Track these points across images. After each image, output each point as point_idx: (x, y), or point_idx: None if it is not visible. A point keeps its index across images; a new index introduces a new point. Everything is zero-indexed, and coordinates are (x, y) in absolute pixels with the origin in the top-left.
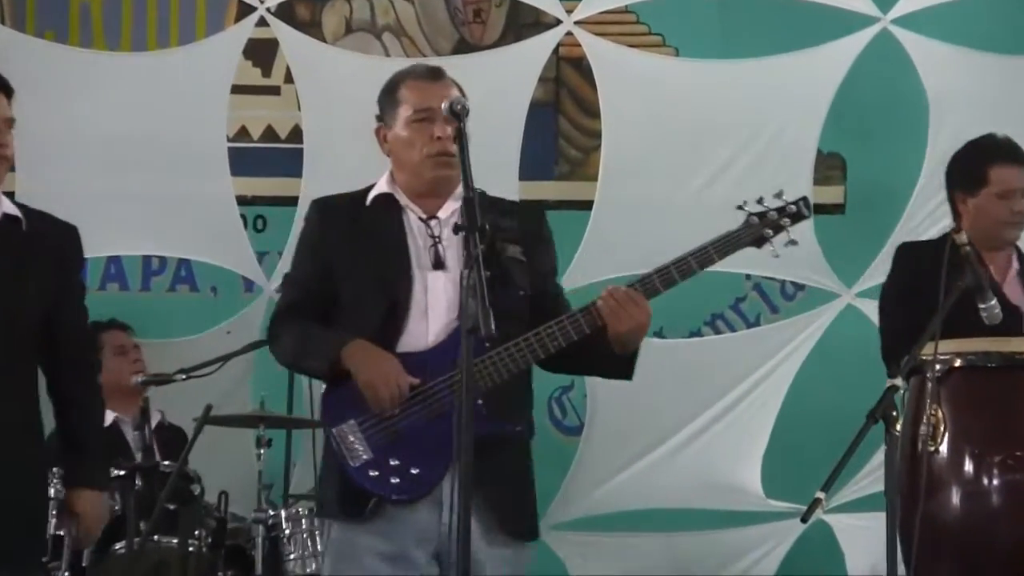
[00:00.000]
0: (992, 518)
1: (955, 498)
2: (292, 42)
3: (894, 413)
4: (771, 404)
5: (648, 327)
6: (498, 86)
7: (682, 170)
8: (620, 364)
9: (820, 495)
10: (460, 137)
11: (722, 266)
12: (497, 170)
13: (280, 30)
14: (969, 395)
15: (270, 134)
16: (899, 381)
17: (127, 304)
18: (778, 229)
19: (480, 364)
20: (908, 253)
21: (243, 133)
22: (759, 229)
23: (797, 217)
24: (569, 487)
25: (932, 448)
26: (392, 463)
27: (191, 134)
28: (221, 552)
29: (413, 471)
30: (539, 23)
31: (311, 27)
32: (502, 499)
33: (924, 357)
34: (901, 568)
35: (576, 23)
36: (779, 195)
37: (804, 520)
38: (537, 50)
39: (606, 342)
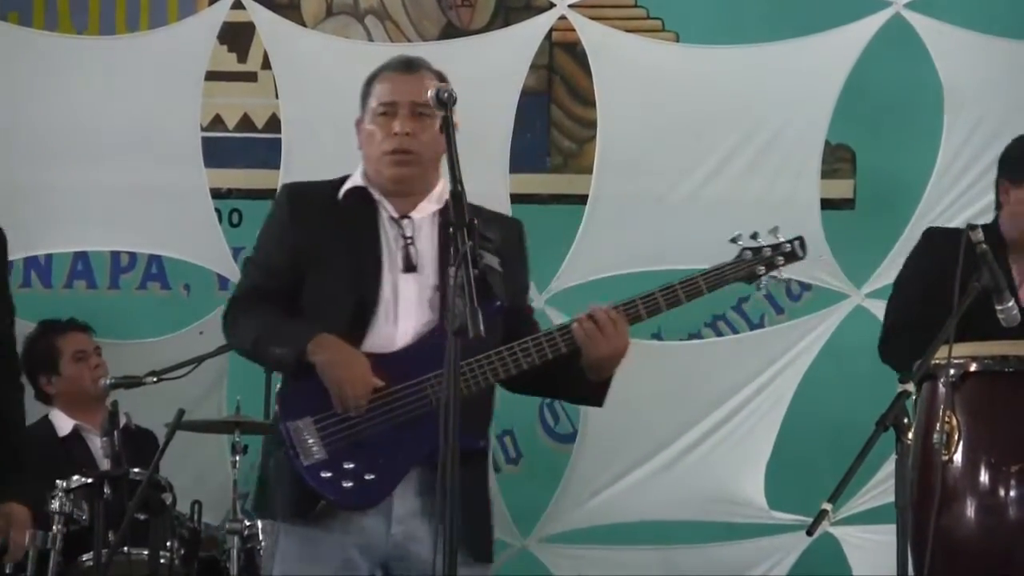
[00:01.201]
0: (1009, 531)
1: (970, 510)
2: (269, 26)
3: (906, 420)
4: (775, 410)
5: (624, 353)
6: (487, 73)
7: (682, 162)
8: (592, 390)
9: (827, 507)
10: (447, 127)
11: None
12: (486, 162)
13: (257, 13)
14: (985, 401)
15: (246, 123)
16: (911, 387)
17: (95, 303)
18: (771, 267)
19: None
20: (933, 240)
21: (217, 122)
22: (752, 266)
23: (791, 257)
24: (561, 497)
25: (946, 457)
26: (347, 467)
27: (163, 123)
28: (194, 564)
29: (368, 477)
30: (531, 6)
31: (289, 10)
32: (461, 516)
33: (937, 361)
34: None
35: (570, 6)
36: (774, 231)
37: (810, 533)
38: (529, 35)
39: (579, 365)
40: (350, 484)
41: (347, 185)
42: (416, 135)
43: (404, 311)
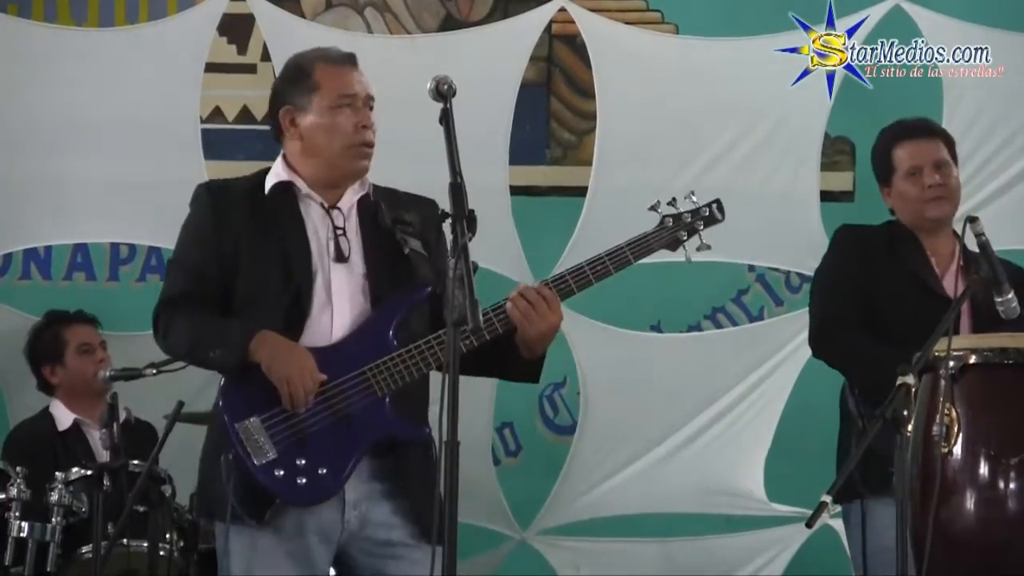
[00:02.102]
0: (1008, 524)
1: (969, 502)
2: (269, 17)
3: (905, 412)
4: (775, 403)
5: (558, 329)
6: (487, 65)
7: (681, 154)
8: (528, 367)
9: (826, 499)
10: (446, 118)
11: (724, 256)
12: (485, 154)
13: (256, 5)
14: (985, 394)
15: (246, 115)
16: (911, 379)
17: (94, 295)
18: (692, 232)
19: (389, 363)
20: (851, 237)
21: (217, 114)
22: (673, 231)
23: (710, 220)
24: (561, 490)
25: (945, 450)
26: (299, 463)
27: (162, 115)
28: (193, 557)
29: (320, 471)
30: None
31: (289, 2)
32: (411, 501)
33: (937, 353)
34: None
35: None
36: (690, 196)
37: (809, 525)
38: (528, 27)
39: (513, 344)
40: (304, 480)
41: (272, 179)
42: (373, 127)
43: (338, 301)
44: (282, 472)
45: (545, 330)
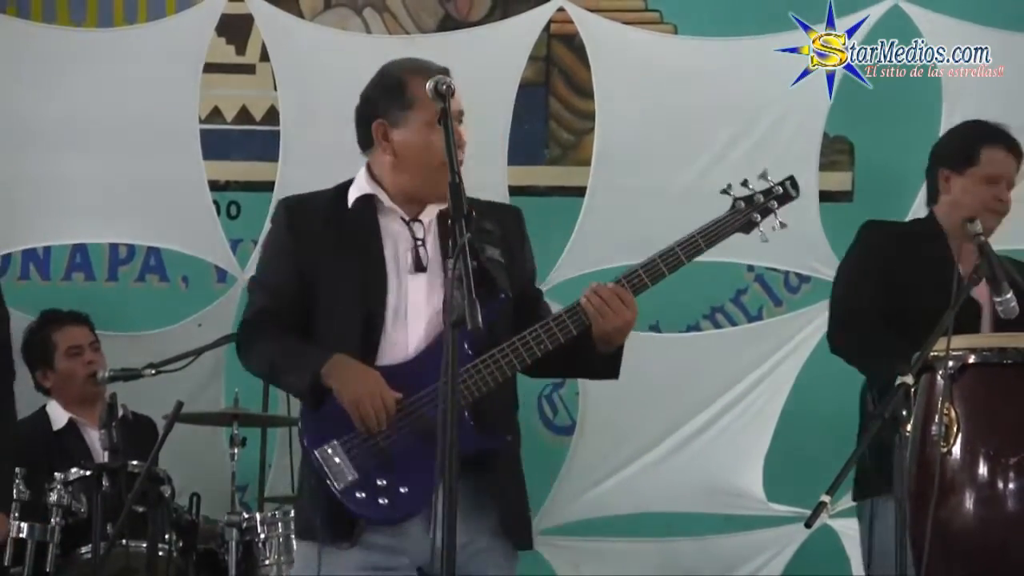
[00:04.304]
0: (1007, 524)
1: (968, 502)
2: (267, 18)
3: (904, 412)
4: (774, 403)
5: (634, 324)
6: (485, 65)
7: (680, 154)
8: (606, 363)
9: (825, 499)
10: (445, 118)
11: (722, 256)
12: (484, 154)
13: (255, 5)
14: (983, 393)
15: (244, 115)
16: (910, 378)
17: (93, 295)
18: (766, 212)
19: (465, 374)
20: (876, 234)
21: (216, 114)
22: (747, 214)
23: (784, 198)
24: (560, 490)
25: (944, 449)
26: (379, 483)
27: (161, 115)
28: (192, 557)
29: (402, 490)
30: None
31: (288, 2)
32: (503, 510)
33: (936, 353)
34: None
35: None
36: (764, 176)
37: (808, 525)
38: (527, 27)
39: (590, 341)
40: (385, 500)
41: (355, 193)
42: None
43: (413, 313)
44: (364, 494)
45: (620, 324)
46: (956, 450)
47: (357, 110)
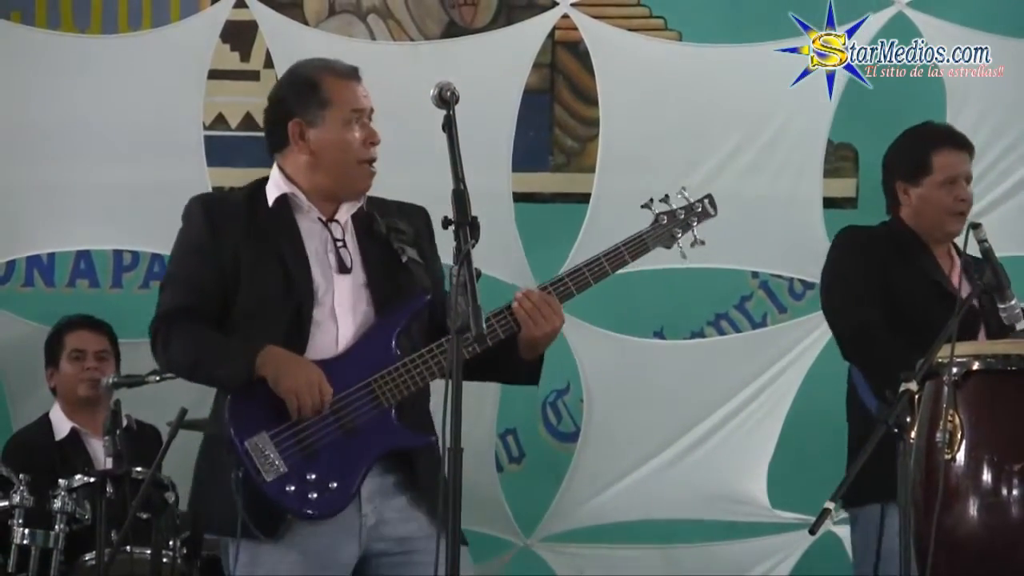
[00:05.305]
0: (1012, 531)
1: (972, 509)
2: (272, 24)
3: (908, 419)
4: (778, 409)
5: (559, 331)
6: (490, 72)
7: (684, 161)
8: (529, 369)
9: (830, 505)
10: (449, 125)
11: (726, 263)
12: (489, 161)
13: (259, 11)
14: (988, 400)
15: (249, 122)
16: (914, 385)
17: (97, 302)
18: (685, 228)
19: (394, 373)
20: (861, 237)
21: (220, 121)
22: (667, 229)
23: (703, 215)
24: (564, 497)
25: (948, 456)
26: (309, 477)
27: (165, 122)
28: (196, 563)
29: (332, 485)
30: (534, 5)
31: (292, 8)
32: (432, 508)
33: (940, 360)
34: None
35: (573, 5)
36: (682, 192)
37: (813, 532)
38: (531, 34)
39: (515, 346)
40: (315, 495)
41: (273, 192)
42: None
43: (342, 313)
44: (293, 487)
45: (549, 331)
46: (960, 457)
47: (267, 111)
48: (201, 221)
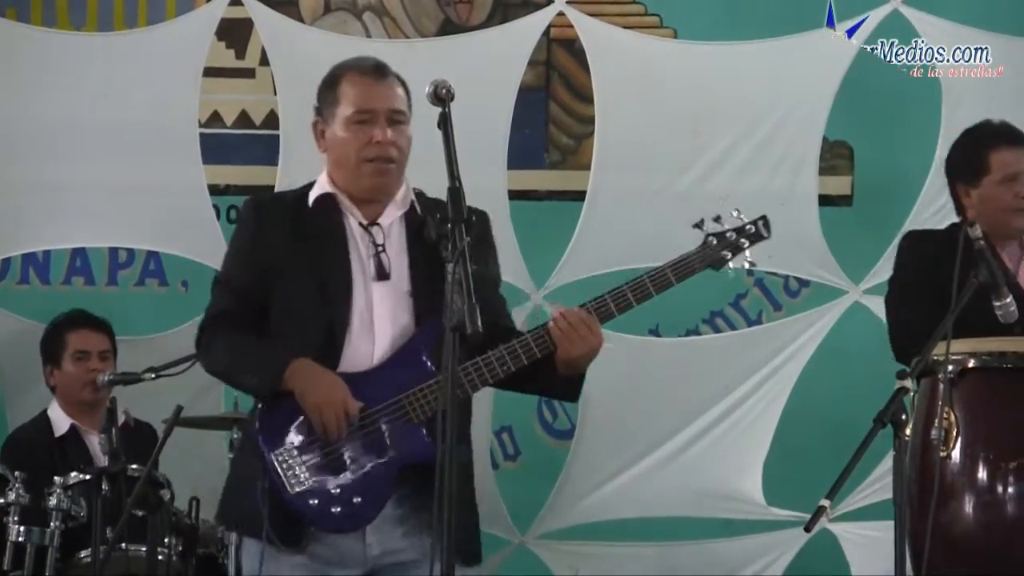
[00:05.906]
0: (1007, 528)
1: (968, 506)
2: (267, 22)
3: (904, 416)
4: (773, 407)
5: (599, 350)
6: (485, 69)
7: (680, 159)
8: (567, 386)
9: (825, 503)
10: (444, 123)
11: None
12: (484, 158)
13: (255, 9)
14: (983, 398)
15: (244, 119)
16: (909, 383)
17: (93, 299)
18: (737, 251)
19: (425, 389)
20: (918, 243)
21: (215, 118)
22: (717, 251)
23: (756, 238)
24: (559, 494)
25: (944, 453)
26: (333, 491)
27: (161, 119)
28: (191, 561)
29: (355, 500)
30: (529, 2)
31: (287, 6)
32: (428, 517)
33: (936, 357)
34: None
35: (568, 3)
36: (738, 213)
37: (808, 529)
38: (527, 31)
39: (553, 364)
40: (338, 509)
41: (315, 192)
42: (395, 142)
43: (380, 321)
44: (316, 501)
45: (586, 351)
46: (956, 454)
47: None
48: (248, 224)
